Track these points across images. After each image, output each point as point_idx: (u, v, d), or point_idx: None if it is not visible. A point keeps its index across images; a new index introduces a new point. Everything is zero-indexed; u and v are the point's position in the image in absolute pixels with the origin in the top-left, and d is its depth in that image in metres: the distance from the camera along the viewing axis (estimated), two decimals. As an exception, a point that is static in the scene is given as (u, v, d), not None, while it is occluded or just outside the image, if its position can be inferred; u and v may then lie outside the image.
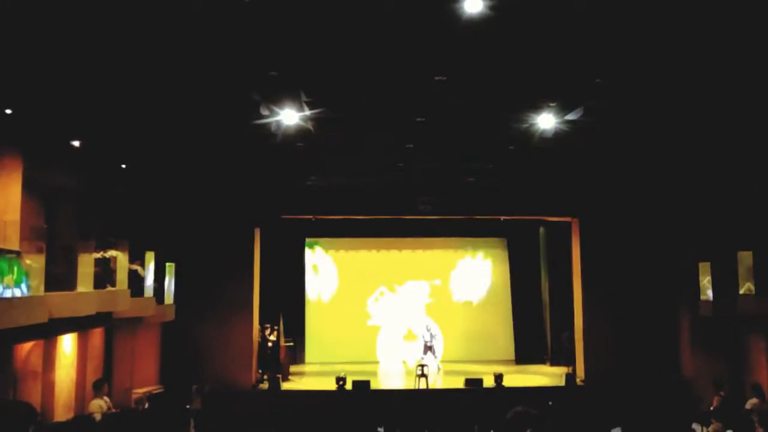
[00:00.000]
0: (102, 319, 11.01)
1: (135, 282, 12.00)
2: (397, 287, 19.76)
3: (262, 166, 13.24)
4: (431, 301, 19.72)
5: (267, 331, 15.99)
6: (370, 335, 19.32)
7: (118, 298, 11.07)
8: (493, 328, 19.44)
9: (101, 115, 9.55)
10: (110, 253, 11.34)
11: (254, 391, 14.81)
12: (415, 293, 19.79)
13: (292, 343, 17.29)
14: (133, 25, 6.75)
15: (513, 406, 2.89)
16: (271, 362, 15.71)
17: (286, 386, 15.19)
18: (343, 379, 14.33)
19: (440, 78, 8.20)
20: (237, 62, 7.79)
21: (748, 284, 11.48)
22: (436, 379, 16.18)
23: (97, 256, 10.78)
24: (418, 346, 18.03)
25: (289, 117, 9.36)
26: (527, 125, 10.09)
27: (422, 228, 18.10)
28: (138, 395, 12.11)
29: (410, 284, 19.78)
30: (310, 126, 9.78)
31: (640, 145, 11.61)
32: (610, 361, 14.93)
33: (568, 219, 16.37)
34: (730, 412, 9.79)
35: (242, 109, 9.18)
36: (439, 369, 17.34)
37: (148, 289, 12.55)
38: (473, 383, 14.56)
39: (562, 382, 15.07)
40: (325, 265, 19.65)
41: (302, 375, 17.05)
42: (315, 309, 19.20)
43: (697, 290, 13.40)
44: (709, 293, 12.88)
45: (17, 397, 9.66)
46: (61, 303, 9.05)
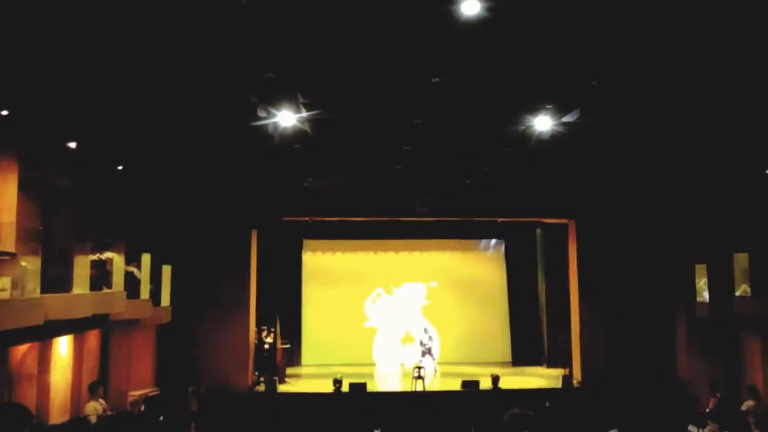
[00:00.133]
0: (98, 321, 10.98)
1: (131, 284, 11.97)
2: (394, 289, 19.74)
3: (259, 167, 13.23)
4: (428, 303, 19.71)
5: (263, 333, 15.95)
6: (367, 337, 19.29)
7: (114, 300, 11.04)
8: (489, 329, 19.42)
9: (98, 117, 9.53)
10: (106, 254, 11.32)
11: (251, 393, 14.78)
12: (412, 295, 19.76)
13: (288, 345, 17.28)
14: (131, 26, 6.74)
15: (510, 408, 2.89)
16: (267, 364, 15.67)
17: (283, 388, 15.16)
18: (339, 381, 14.31)
19: (436, 80, 8.21)
20: (234, 64, 7.79)
21: (744, 286, 11.51)
22: (432, 381, 16.17)
23: (93, 257, 10.77)
24: (415, 349, 18.03)
25: (286, 119, 9.37)
26: (524, 127, 10.11)
27: (419, 230, 18.09)
28: (134, 397, 12.07)
29: (407, 286, 19.76)
30: (307, 128, 9.78)
31: (637, 147, 11.64)
32: (607, 362, 14.94)
33: (564, 221, 16.39)
34: (726, 414, 9.81)
35: (239, 111, 9.18)
36: (435, 371, 17.33)
37: (145, 290, 12.52)
38: (470, 385, 14.55)
39: (559, 384, 15.07)
40: (321, 266, 19.63)
41: (299, 377, 17.02)
42: (312, 311, 19.15)
43: (693, 292, 13.43)
44: (706, 295, 12.90)
45: (12, 399, 9.62)
46: (57, 305, 9.02)
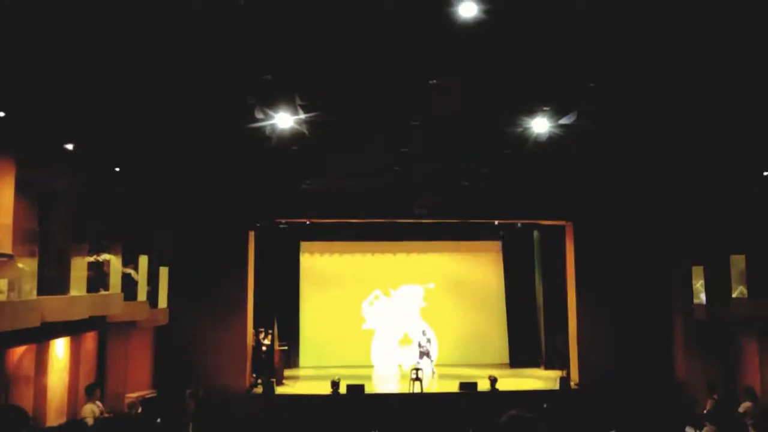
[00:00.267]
0: (95, 322, 10.97)
1: (128, 285, 11.95)
2: (391, 291, 19.74)
3: (257, 169, 13.22)
4: (425, 304, 19.71)
5: (261, 335, 15.93)
6: (365, 339, 19.29)
7: (111, 302, 11.03)
8: (487, 331, 19.43)
9: (95, 118, 9.52)
10: (103, 256, 11.31)
11: (248, 395, 14.74)
12: (409, 297, 19.76)
13: (286, 347, 17.25)
14: (128, 28, 6.73)
15: (507, 410, 2.89)
16: (265, 366, 15.64)
17: (281, 390, 15.13)
18: (337, 383, 14.29)
19: (434, 81, 8.21)
20: (232, 65, 7.78)
21: (741, 288, 11.53)
22: (430, 383, 16.17)
23: (90, 259, 10.75)
24: (413, 351, 18.03)
25: (284, 120, 9.36)
26: (522, 129, 10.12)
27: (417, 231, 18.10)
28: (131, 400, 12.03)
29: (405, 288, 19.77)
30: (304, 129, 9.78)
31: (634, 149, 11.65)
32: (605, 364, 14.95)
33: (562, 222, 16.41)
34: (723, 416, 9.82)
35: (237, 112, 9.17)
36: (433, 373, 17.32)
37: (142, 292, 12.50)
38: (468, 387, 14.54)
39: (557, 386, 15.08)
40: (319, 268, 19.62)
41: (296, 379, 16.99)
42: (309, 313, 19.14)
43: (690, 294, 13.45)
44: (703, 297, 12.94)
45: (9, 401, 9.60)
46: (54, 307, 9.01)
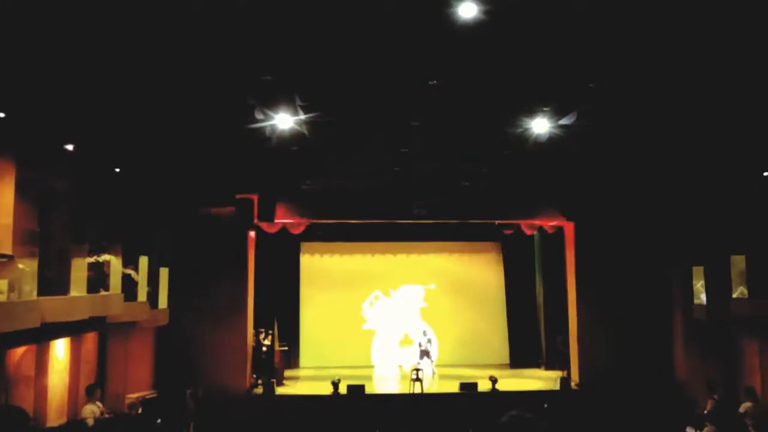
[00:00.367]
0: (95, 323, 10.96)
1: (129, 286, 11.95)
2: (392, 291, 19.74)
3: (257, 170, 13.22)
4: (426, 305, 19.71)
5: (261, 336, 15.93)
6: (365, 340, 19.29)
7: (111, 303, 11.02)
8: (487, 332, 19.42)
9: (95, 119, 9.52)
10: (104, 257, 11.30)
11: (248, 395, 14.74)
12: (410, 297, 19.76)
13: (286, 348, 17.24)
14: (127, 29, 6.73)
15: (508, 410, 2.89)
16: (265, 367, 15.64)
17: (281, 391, 15.12)
18: (337, 383, 14.29)
19: (434, 82, 8.21)
20: (232, 66, 7.79)
21: (741, 288, 11.52)
22: (431, 384, 16.16)
23: (90, 260, 10.75)
24: (414, 351, 18.02)
25: (284, 121, 9.36)
26: (522, 130, 10.12)
27: (417, 232, 18.09)
28: (131, 400, 12.04)
29: (405, 288, 19.76)
30: (304, 130, 9.78)
31: (635, 150, 11.66)
32: (605, 364, 14.93)
33: (562, 223, 16.40)
34: (723, 416, 9.82)
35: (237, 113, 9.17)
36: (433, 373, 17.32)
37: (142, 293, 12.50)
38: (468, 387, 14.54)
39: (557, 386, 15.07)
40: (319, 269, 19.61)
41: (297, 379, 16.99)
42: (309, 313, 19.13)
43: (690, 294, 13.44)
44: (703, 297, 12.93)
45: (9, 402, 9.59)
46: (54, 307, 9.00)
